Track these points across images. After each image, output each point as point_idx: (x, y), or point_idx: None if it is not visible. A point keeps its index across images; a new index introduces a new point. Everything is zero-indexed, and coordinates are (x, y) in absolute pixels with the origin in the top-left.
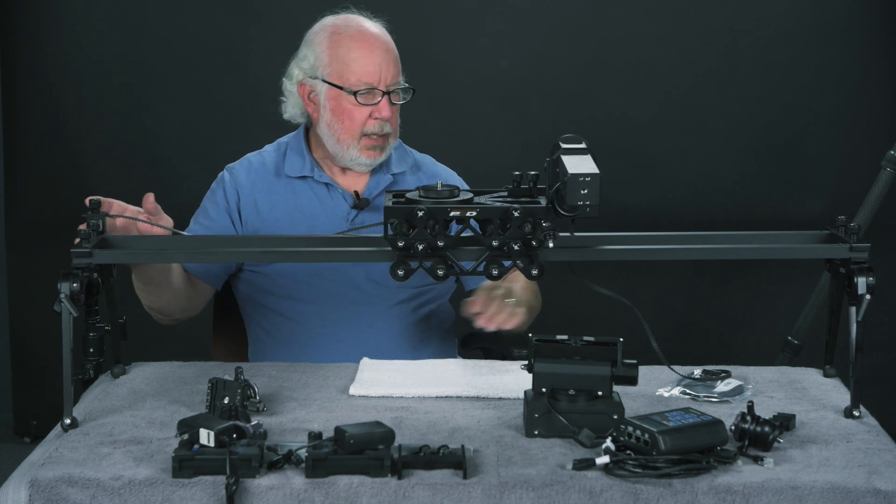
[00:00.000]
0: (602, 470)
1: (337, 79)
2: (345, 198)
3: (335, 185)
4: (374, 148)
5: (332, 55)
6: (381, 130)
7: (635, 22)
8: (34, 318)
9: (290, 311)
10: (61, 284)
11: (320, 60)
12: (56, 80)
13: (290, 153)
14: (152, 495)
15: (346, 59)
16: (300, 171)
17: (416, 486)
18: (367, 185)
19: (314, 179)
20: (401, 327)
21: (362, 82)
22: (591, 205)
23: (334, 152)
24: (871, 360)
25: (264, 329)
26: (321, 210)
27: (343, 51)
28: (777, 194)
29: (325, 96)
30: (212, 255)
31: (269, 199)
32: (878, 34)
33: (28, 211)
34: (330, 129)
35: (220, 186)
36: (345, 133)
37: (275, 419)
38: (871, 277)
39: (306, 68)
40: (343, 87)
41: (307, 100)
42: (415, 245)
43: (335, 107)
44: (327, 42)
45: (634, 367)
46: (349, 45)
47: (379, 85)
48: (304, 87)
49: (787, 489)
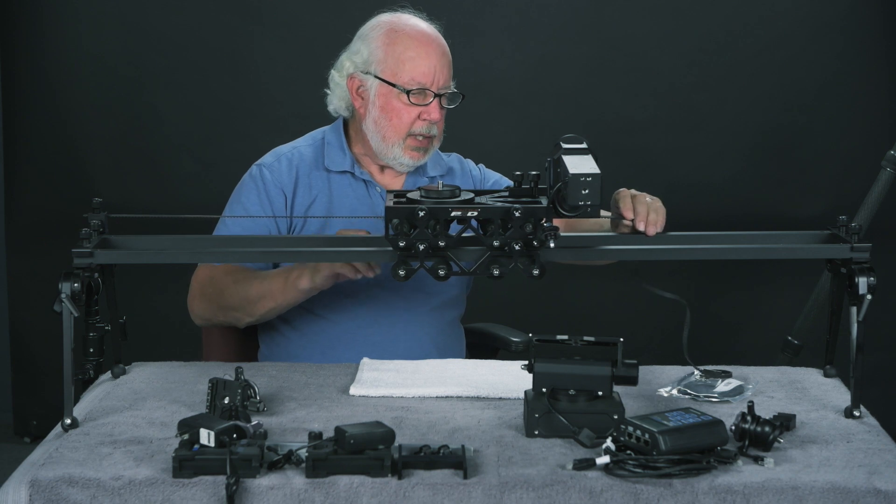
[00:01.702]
0: (602, 470)
1: (390, 76)
2: (383, 196)
3: (374, 182)
4: (417, 149)
5: (387, 52)
6: (428, 132)
7: (635, 22)
8: (34, 318)
9: (324, 310)
10: (62, 284)
11: (374, 56)
12: (56, 79)
13: (330, 147)
14: (152, 495)
15: (402, 58)
16: (341, 165)
17: (416, 486)
18: (403, 186)
19: (354, 175)
20: (434, 331)
21: (415, 82)
22: (591, 205)
23: (377, 149)
24: (871, 360)
25: (293, 326)
26: (359, 206)
27: (399, 49)
28: (777, 194)
29: (376, 92)
30: (212, 255)
31: (309, 194)
32: (878, 34)
33: (28, 211)
34: (376, 125)
35: (259, 186)
36: (391, 131)
37: (275, 419)
38: (872, 277)
39: (358, 62)
40: (395, 85)
41: (355, 93)
42: (416, 245)
43: (384, 104)
44: (384, 38)
45: (634, 367)
46: (406, 43)
47: (431, 86)
48: (353, 80)
49: (787, 489)
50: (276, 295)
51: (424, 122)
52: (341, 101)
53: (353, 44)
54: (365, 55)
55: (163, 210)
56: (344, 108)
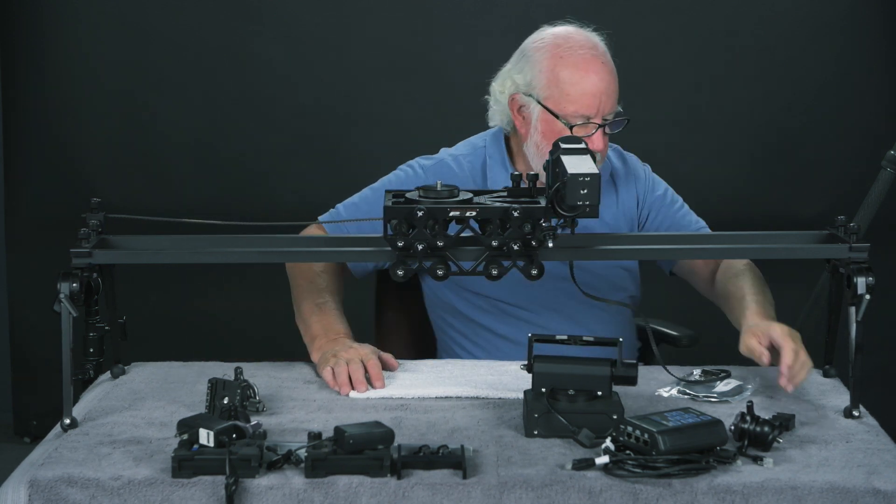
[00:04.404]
0: (601, 470)
1: (553, 105)
2: None
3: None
4: None
5: (550, 78)
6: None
7: (635, 22)
8: (34, 318)
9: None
10: (61, 284)
11: (537, 80)
12: (56, 79)
13: (492, 163)
14: (152, 495)
15: (566, 88)
16: (504, 183)
17: (415, 486)
18: None
19: None
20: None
21: (579, 115)
22: (590, 205)
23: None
24: (871, 360)
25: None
26: None
27: (564, 76)
28: (777, 194)
29: (538, 118)
30: (212, 255)
31: None
32: (878, 34)
33: (28, 210)
34: (538, 150)
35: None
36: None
37: (274, 419)
38: (871, 277)
39: (520, 83)
40: (559, 116)
41: (516, 113)
42: (414, 245)
43: (546, 130)
44: (548, 62)
45: (634, 367)
46: (571, 72)
47: (595, 117)
48: (515, 101)
49: (786, 489)
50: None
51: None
52: (503, 117)
53: (517, 61)
54: (528, 77)
55: (162, 210)
56: (506, 124)
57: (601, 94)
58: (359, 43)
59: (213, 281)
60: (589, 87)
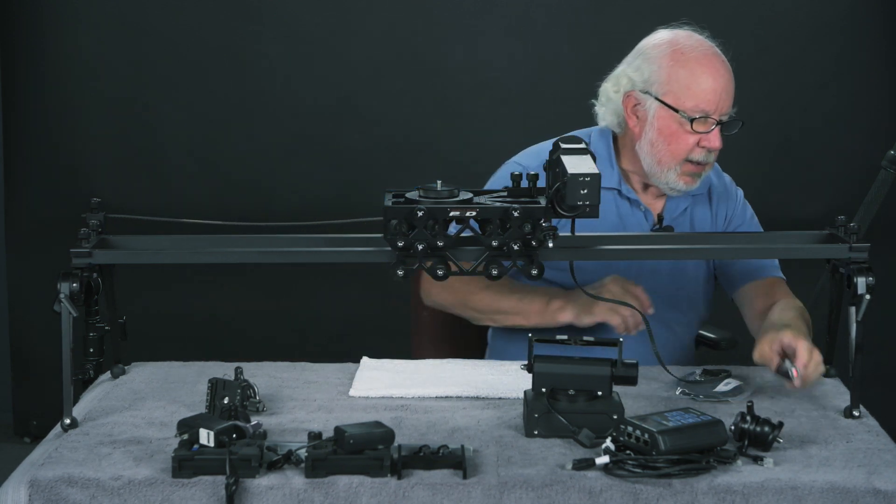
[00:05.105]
0: (602, 470)
1: (673, 100)
2: (646, 216)
3: (639, 201)
4: (693, 175)
5: (671, 75)
6: (706, 160)
7: (635, 22)
8: (34, 318)
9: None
10: (61, 284)
11: (657, 77)
12: (56, 79)
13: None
14: (152, 495)
15: (688, 83)
16: (608, 182)
17: (415, 486)
18: (665, 205)
19: (620, 192)
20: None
21: (699, 109)
22: (590, 205)
23: (650, 171)
24: (871, 360)
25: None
26: (621, 225)
27: (685, 73)
28: (777, 194)
29: (655, 114)
30: (212, 256)
31: None
32: (878, 34)
33: (28, 211)
34: (652, 147)
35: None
36: (668, 156)
37: (275, 419)
38: (871, 277)
39: (637, 80)
40: (678, 111)
41: (629, 111)
42: (414, 245)
43: (663, 127)
44: (669, 59)
45: (634, 367)
46: (693, 68)
47: (714, 114)
48: (630, 98)
49: (786, 489)
50: (531, 316)
51: (703, 149)
52: (614, 117)
53: (633, 60)
54: (646, 74)
55: (162, 210)
56: (616, 125)
57: (721, 91)
58: (359, 43)
59: (213, 281)
60: (710, 83)
